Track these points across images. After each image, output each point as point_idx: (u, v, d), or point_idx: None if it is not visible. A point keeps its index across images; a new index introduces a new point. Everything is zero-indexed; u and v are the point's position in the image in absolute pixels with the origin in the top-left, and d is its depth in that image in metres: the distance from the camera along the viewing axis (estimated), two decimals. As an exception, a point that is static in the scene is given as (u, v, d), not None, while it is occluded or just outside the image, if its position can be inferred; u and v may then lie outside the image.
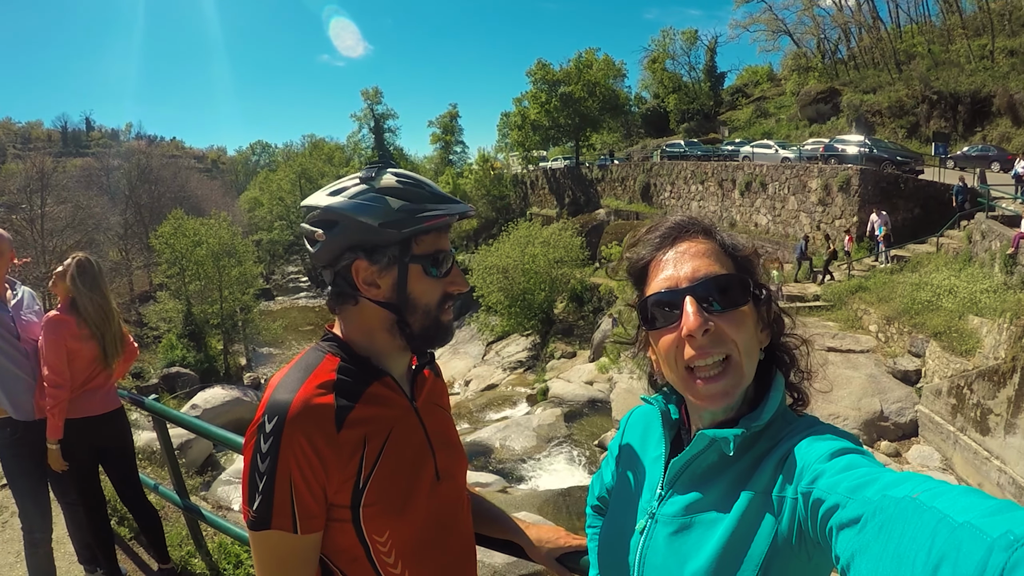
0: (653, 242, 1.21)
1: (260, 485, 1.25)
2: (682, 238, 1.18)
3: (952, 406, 12.97)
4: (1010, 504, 0.67)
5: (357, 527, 1.33)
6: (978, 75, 34.67)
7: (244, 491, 1.29)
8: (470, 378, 29.16)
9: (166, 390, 24.75)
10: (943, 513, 0.67)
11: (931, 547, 0.64)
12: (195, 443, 15.77)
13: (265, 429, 1.25)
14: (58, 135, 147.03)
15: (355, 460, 1.31)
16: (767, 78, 63.08)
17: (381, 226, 1.34)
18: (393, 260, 1.37)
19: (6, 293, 3.83)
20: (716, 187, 33.09)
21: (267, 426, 1.25)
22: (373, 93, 77.31)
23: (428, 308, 1.40)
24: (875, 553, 0.72)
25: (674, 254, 1.17)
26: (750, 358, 1.12)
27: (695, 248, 1.16)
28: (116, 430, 4.13)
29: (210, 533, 4.90)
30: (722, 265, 1.14)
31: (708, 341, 1.09)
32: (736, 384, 1.10)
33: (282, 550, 1.29)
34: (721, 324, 1.09)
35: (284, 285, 69.06)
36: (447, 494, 1.50)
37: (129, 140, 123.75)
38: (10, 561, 4.66)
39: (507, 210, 55.37)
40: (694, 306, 1.09)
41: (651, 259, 1.20)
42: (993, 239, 16.87)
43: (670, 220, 1.22)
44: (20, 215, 35.28)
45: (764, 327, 1.18)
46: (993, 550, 0.59)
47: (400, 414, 1.43)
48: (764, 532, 1.02)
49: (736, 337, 1.09)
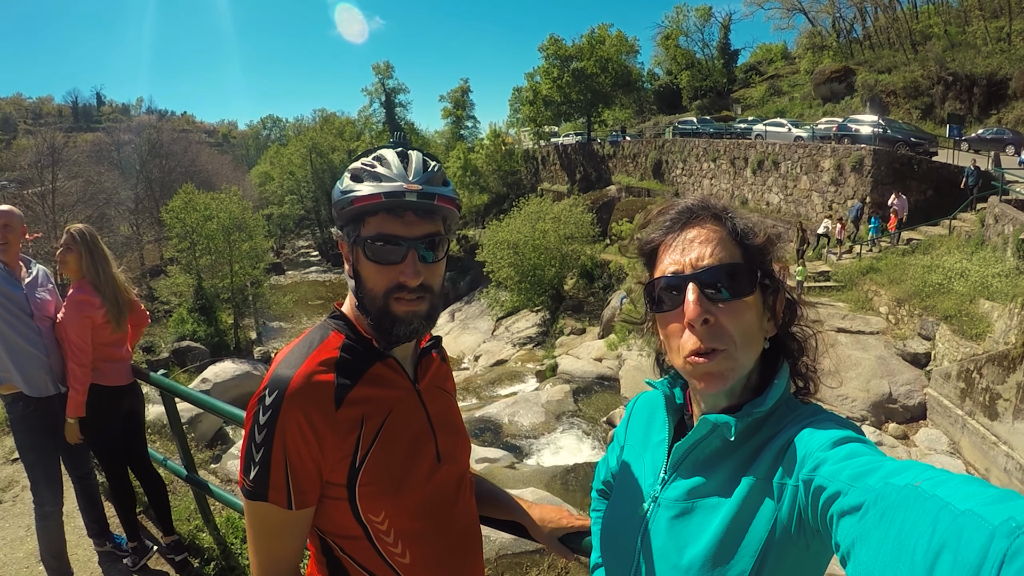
0: (663, 225, 1.21)
1: (257, 457, 1.28)
2: (692, 223, 1.18)
3: (961, 390, 12.93)
4: (1012, 493, 0.67)
5: (353, 506, 1.35)
6: (995, 57, 34.15)
7: (241, 459, 1.32)
8: (479, 353, 29.25)
9: (176, 364, 24.96)
10: (945, 501, 0.68)
11: (932, 534, 0.65)
12: (205, 417, 15.86)
13: (265, 402, 1.28)
14: (69, 110, 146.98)
15: (351, 439, 1.32)
16: (781, 56, 62.56)
17: (336, 201, 1.36)
18: (350, 237, 1.37)
19: (20, 271, 3.86)
20: (728, 165, 32.82)
21: (267, 399, 1.28)
22: (384, 67, 76.91)
23: (374, 295, 1.37)
24: (876, 540, 0.72)
25: (683, 239, 1.16)
26: (748, 350, 1.11)
27: (704, 234, 1.15)
28: (136, 400, 4.28)
29: (218, 508, 4.93)
30: (729, 253, 1.13)
31: (706, 332, 1.09)
32: (730, 368, 1.10)
33: (274, 522, 1.32)
34: (721, 316, 1.09)
35: (295, 259, 69.40)
36: (448, 476, 1.50)
37: (140, 115, 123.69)
38: (20, 535, 4.73)
39: (518, 185, 55.21)
40: (695, 294, 1.09)
41: (660, 242, 1.20)
42: (1006, 223, 16.69)
43: (681, 203, 1.21)
44: (31, 190, 35.49)
45: (771, 316, 1.18)
46: (995, 537, 0.59)
47: (401, 395, 1.43)
48: (764, 518, 1.02)
49: (735, 330, 1.09)
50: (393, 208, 1.32)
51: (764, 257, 1.16)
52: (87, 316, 3.80)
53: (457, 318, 36.42)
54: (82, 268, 3.88)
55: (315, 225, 74.05)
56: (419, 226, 1.35)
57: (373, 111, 78.22)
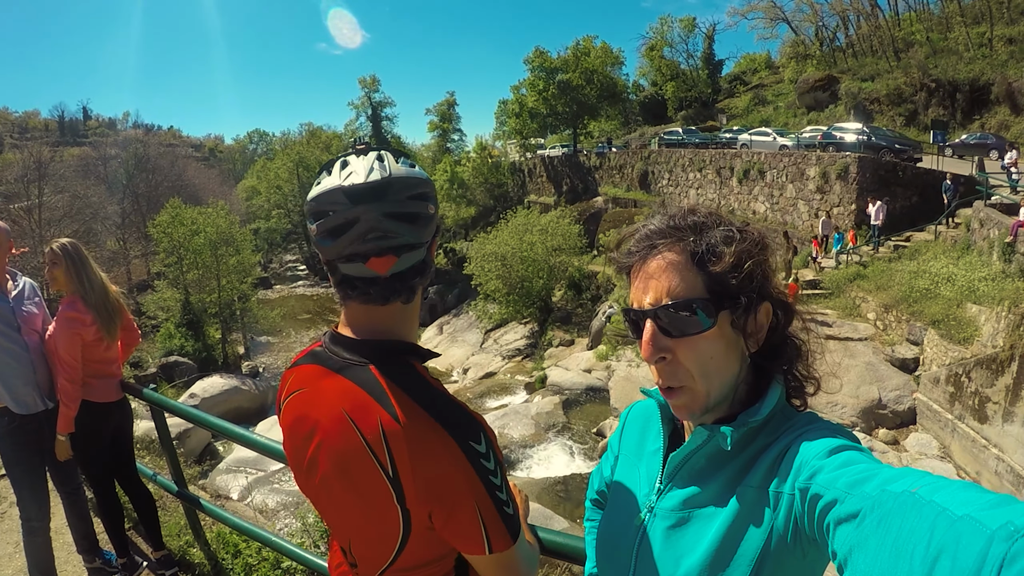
0: (631, 251, 1.18)
1: (504, 495, 1.25)
2: (654, 250, 1.14)
3: (950, 394, 12.99)
4: (1009, 498, 0.67)
5: None
6: (977, 63, 34.60)
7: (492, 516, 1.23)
8: (468, 366, 29.15)
9: (164, 379, 24.73)
10: (942, 507, 0.68)
11: (930, 540, 0.65)
12: (193, 432, 15.79)
13: (480, 450, 1.23)
14: (55, 124, 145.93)
15: None
16: (765, 66, 63.02)
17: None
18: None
19: (7, 284, 3.83)
20: (714, 175, 32.96)
21: (479, 446, 1.23)
22: (371, 81, 77.00)
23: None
24: (873, 547, 0.72)
25: (645, 270, 1.14)
26: (713, 379, 1.11)
27: (663, 265, 1.11)
28: (125, 416, 4.26)
29: (208, 523, 4.90)
30: (687, 286, 1.09)
31: (662, 370, 1.11)
32: (692, 400, 1.11)
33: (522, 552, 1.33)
34: (679, 352, 1.09)
35: (282, 274, 68.97)
36: None
37: (126, 129, 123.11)
38: (9, 551, 4.67)
39: (505, 198, 55.34)
40: (649, 332, 1.10)
41: (629, 268, 1.19)
42: (991, 227, 16.85)
43: (648, 226, 1.18)
44: (17, 205, 35.22)
45: (749, 334, 1.13)
46: (993, 541, 0.59)
47: None
48: (760, 528, 1.02)
49: (693, 365, 1.09)
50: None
51: (735, 276, 1.09)
52: (76, 333, 3.77)
53: (446, 331, 36.27)
54: (72, 282, 3.86)
55: (302, 239, 73.59)
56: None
57: (360, 124, 78.20)
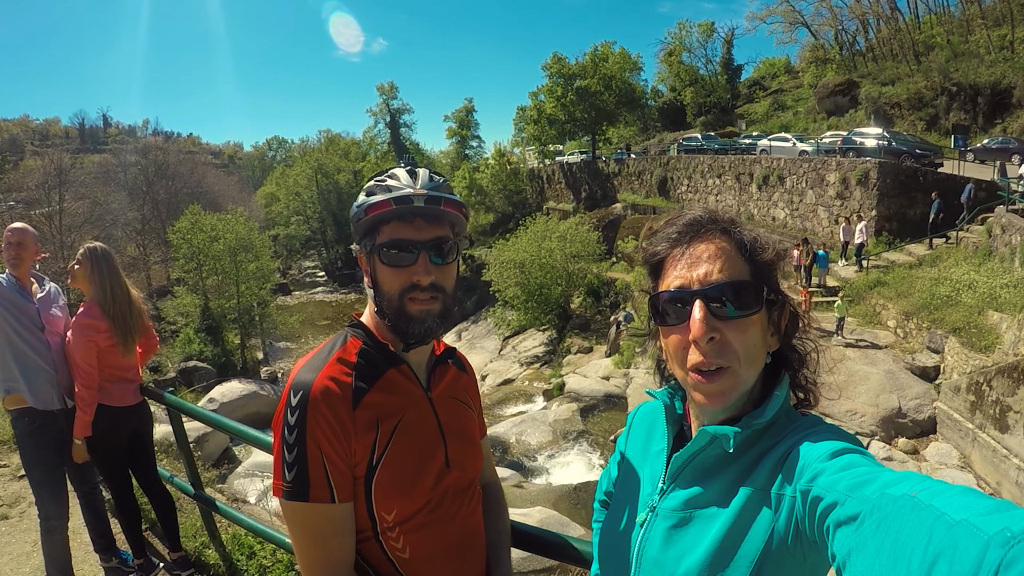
0: (670, 237, 1.20)
1: (291, 457, 1.33)
2: (700, 236, 1.17)
3: (971, 403, 12.82)
4: (1008, 504, 0.67)
5: (368, 502, 1.42)
6: (998, 66, 34.15)
7: (276, 465, 1.37)
8: (486, 373, 29.15)
9: (183, 384, 24.97)
10: (940, 511, 0.68)
11: (928, 544, 0.65)
12: (211, 436, 15.85)
13: (292, 403, 1.35)
14: (75, 132, 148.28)
15: (369, 438, 1.40)
16: (784, 70, 62.82)
17: (353, 216, 1.49)
18: (367, 248, 1.47)
19: (32, 286, 3.92)
20: (734, 181, 32.79)
21: (293, 400, 1.35)
22: (388, 88, 77.15)
23: (391, 296, 1.46)
24: (872, 550, 0.72)
25: (690, 253, 1.16)
26: (752, 366, 1.12)
27: (712, 249, 1.14)
28: (144, 419, 4.31)
29: (224, 525, 4.96)
30: (737, 270, 1.12)
31: (711, 349, 1.09)
32: (733, 387, 1.10)
33: (320, 520, 1.37)
34: (727, 333, 1.09)
35: (301, 280, 69.49)
36: (456, 482, 1.57)
37: (146, 136, 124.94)
38: (27, 550, 4.75)
39: (523, 204, 55.25)
40: (702, 312, 1.09)
41: (667, 255, 1.20)
42: (1014, 233, 16.63)
43: (689, 215, 1.21)
44: (39, 211, 35.72)
45: (775, 331, 1.17)
46: (990, 546, 0.59)
47: (412, 402, 1.51)
48: (760, 529, 1.02)
49: (740, 347, 1.09)
50: (403, 215, 1.43)
51: (771, 272, 1.16)
52: (91, 340, 3.84)
53: (464, 337, 36.31)
54: (89, 285, 3.92)
55: (321, 246, 74.08)
56: (428, 230, 1.46)
57: (378, 131, 78.37)
